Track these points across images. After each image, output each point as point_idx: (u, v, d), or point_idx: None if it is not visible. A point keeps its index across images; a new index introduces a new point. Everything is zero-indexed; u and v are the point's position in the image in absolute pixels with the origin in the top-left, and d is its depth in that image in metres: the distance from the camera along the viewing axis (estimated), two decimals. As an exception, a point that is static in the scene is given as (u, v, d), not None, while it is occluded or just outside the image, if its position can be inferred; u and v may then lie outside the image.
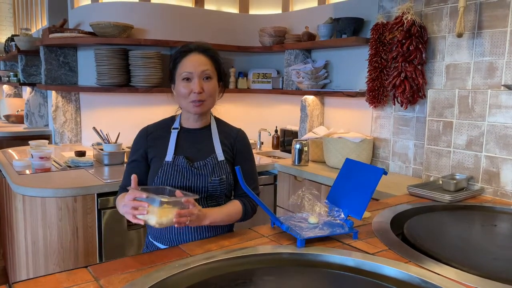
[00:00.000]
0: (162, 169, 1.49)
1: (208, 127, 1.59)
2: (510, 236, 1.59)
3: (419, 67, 2.43)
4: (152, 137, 1.56)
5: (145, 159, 1.54)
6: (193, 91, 1.45)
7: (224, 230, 1.57)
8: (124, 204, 1.26)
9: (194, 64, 1.46)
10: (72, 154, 2.97)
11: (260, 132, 3.65)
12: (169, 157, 1.50)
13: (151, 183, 1.51)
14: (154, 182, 1.49)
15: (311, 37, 3.20)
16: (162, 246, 1.51)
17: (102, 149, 2.84)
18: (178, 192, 1.31)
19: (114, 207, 2.33)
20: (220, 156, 1.54)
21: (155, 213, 1.22)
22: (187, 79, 1.47)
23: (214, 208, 1.47)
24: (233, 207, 1.52)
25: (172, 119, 1.62)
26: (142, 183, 1.53)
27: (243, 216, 1.54)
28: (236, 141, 1.60)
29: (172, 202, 1.25)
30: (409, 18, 2.38)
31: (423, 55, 2.41)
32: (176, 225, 1.26)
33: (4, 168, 2.64)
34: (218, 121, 1.63)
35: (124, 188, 1.51)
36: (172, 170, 1.49)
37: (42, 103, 4.50)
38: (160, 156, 1.52)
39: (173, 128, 1.56)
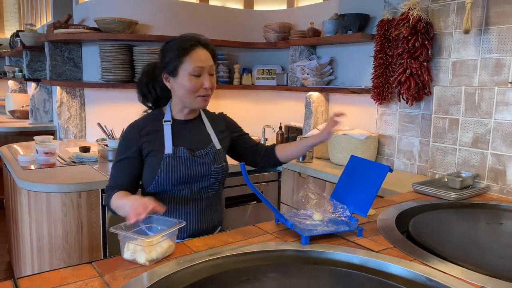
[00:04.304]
0: (164, 162, 1.47)
1: (199, 118, 1.61)
2: (516, 235, 1.58)
3: (424, 63, 2.41)
4: (145, 132, 1.51)
5: (139, 156, 1.51)
6: (204, 86, 1.46)
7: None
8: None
9: (203, 59, 1.47)
10: (77, 149, 2.98)
11: (264, 129, 3.64)
12: (168, 149, 1.49)
13: (151, 178, 1.48)
14: (157, 175, 1.47)
15: (316, 33, 3.18)
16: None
17: (106, 145, 2.85)
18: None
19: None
20: (217, 144, 1.58)
21: (143, 250, 1.13)
22: (196, 75, 1.46)
23: None
24: None
25: (159, 112, 1.58)
26: (136, 180, 1.51)
27: None
28: (226, 122, 1.69)
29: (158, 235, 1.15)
30: (415, 14, 2.36)
31: (429, 52, 2.39)
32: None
33: (9, 163, 2.66)
34: (203, 111, 1.66)
35: (116, 187, 1.47)
36: (175, 161, 1.48)
37: (47, 98, 4.51)
38: (157, 150, 1.50)
39: (165, 121, 1.53)
